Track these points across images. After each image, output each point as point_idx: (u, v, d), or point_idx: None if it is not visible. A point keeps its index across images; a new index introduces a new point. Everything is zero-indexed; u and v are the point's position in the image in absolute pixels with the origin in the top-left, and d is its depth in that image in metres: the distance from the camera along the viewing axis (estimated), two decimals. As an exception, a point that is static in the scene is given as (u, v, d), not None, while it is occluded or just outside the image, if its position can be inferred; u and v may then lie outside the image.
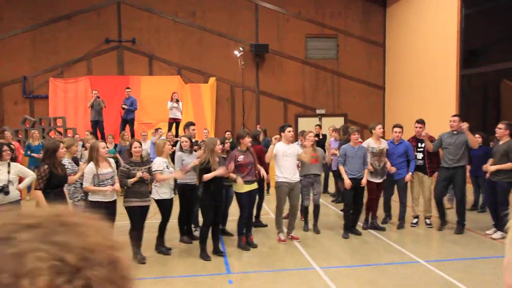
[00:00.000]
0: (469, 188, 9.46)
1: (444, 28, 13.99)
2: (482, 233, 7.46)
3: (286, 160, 7.01)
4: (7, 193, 5.97)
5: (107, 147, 10.64)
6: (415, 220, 8.10)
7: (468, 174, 9.07)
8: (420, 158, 7.94)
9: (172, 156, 7.20)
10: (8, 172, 6.10)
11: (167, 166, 6.63)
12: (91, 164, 6.01)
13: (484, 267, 5.80)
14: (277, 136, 7.31)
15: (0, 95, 15.90)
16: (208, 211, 6.41)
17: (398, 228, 7.87)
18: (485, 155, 8.04)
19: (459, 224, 7.54)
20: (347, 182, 7.29)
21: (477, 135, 8.87)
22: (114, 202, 6.17)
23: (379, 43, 18.06)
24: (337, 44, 17.94)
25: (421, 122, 7.91)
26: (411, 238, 7.49)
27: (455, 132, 7.48)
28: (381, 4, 17.95)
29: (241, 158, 6.66)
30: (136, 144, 6.42)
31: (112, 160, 6.42)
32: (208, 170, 6.29)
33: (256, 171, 6.99)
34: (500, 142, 7.18)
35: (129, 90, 13.17)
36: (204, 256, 6.37)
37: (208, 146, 6.40)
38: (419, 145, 7.96)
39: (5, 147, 6.28)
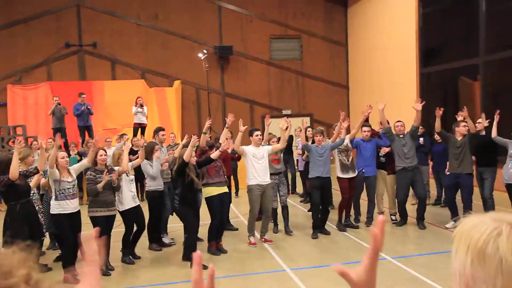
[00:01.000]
0: (432, 183, 9.75)
1: (403, 27, 14.35)
2: (446, 227, 7.70)
3: (256, 162, 7.04)
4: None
5: (70, 154, 10.40)
6: (380, 217, 8.26)
7: (430, 170, 9.39)
8: (382, 155, 8.19)
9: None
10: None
11: (126, 174, 6.53)
12: (55, 170, 5.83)
13: (449, 261, 5.97)
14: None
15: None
16: (190, 219, 6.34)
17: (366, 226, 8.02)
18: (445, 151, 8.29)
19: (421, 219, 7.78)
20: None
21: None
22: (77, 213, 6.01)
23: (342, 42, 18.35)
24: (301, 45, 18.12)
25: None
26: (378, 235, 7.62)
27: (401, 136, 7.79)
28: (343, 4, 18.25)
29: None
30: (101, 152, 6.30)
31: (75, 167, 6.18)
32: (183, 173, 6.23)
33: (225, 175, 7.03)
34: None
35: (84, 96, 12.77)
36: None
37: (181, 154, 6.35)
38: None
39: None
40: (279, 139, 7.84)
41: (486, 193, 7.58)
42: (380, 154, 8.20)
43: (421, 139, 9.05)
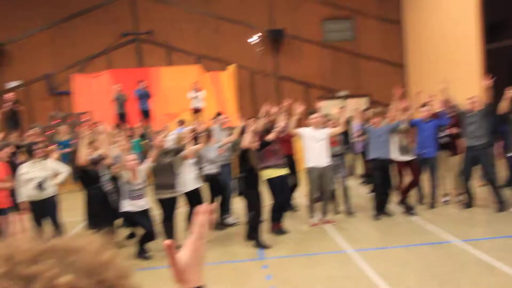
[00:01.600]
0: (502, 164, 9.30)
1: (464, 2, 13.62)
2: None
3: (314, 144, 7.04)
4: (43, 189, 6.15)
5: (133, 140, 10.78)
6: (445, 198, 8.07)
7: (499, 150, 8.95)
8: (443, 136, 7.91)
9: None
10: (43, 169, 6.27)
11: None
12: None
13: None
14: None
15: (28, 93, 16.20)
16: (254, 200, 6.45)
17: (430, 207, 7.81)
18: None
19: (499, 202, 7.41)
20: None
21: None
22: (147, 209, 6.16)
23: (396, 20, 17.72)
24: (354, 25, 17.69)
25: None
26: (443, 217, 7.41)
27: (471, 113, 7.46)
28: (397, -19, 17.60)
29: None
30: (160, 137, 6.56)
31: (142, 169, 6.33)
32: (245, 158, 6.33)
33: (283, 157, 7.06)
34: None
35: (143, 82, 13.16)
36: (260, 245, 6.29)
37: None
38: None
39: (36, 145, 6.44)
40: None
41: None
42: (442, 134, 7.91)
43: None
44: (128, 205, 6.02)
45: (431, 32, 15.76)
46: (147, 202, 6.20)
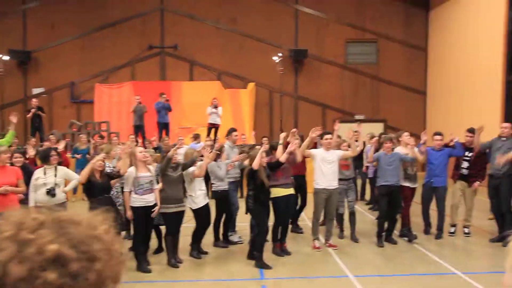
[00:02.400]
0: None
1: (490, 32, 13.55)
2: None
3: (325, 166, 7.03)
4: (54, 195, 6.28)
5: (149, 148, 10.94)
6: (452, 229, 7.94)
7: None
8: (465, 167, 7.81)
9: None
10: (55, 176, 6.42)
11: None
12: (131, 169, 6.20)
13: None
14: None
15: (50, 100, 16.71)
16: (263, 219, 6.48)
17: (436, 238, 7.69)
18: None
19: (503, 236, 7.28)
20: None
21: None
22: (155, 206, 6.32)
23: (421, 47, 17.69)
24: (378, 49, 17.72)
25: (471, 131, 7.80)
26: (449, 248, 7.30)
27: (504, 139, 7.42)
28: (424, 7, 17.59)
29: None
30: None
31: (151, 167, 6.48)
32: (254, 176, 6.39)
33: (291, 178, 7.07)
34: None
35: (164, 95, 13.42)
36: (261, 264, 6.30)
37: (252, 157, 6.52)
38: (466, 153, 7.83)
39: (53, 152, 6.61)
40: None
41: None
42: (462, 166, 7.84)
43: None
44: (135, 200, 6.10)
45: (455, 60, 15.67)
46: (154, 199, 6.22)
